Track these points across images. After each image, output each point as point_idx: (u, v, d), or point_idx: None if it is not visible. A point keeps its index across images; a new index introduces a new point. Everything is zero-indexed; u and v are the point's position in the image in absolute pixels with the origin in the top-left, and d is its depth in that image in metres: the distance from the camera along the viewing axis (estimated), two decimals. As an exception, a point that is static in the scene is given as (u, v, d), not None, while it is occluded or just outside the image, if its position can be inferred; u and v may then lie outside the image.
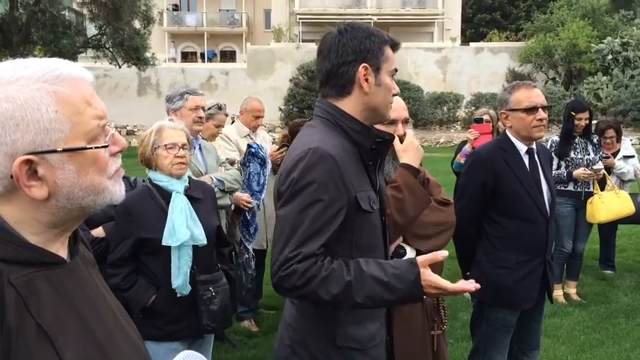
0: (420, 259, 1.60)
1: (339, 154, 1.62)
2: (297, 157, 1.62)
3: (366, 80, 1.67)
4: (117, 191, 1.03)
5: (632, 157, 5.64)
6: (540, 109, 2.82)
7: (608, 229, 5.87)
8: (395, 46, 1.75)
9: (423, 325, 2.37)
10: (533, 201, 2.83)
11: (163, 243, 2.52)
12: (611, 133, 5.62)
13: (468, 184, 2.95)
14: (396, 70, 1.74)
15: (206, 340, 2.81)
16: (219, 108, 4.27)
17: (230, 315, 2.91)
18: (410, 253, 2.30)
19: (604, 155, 5.27)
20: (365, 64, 1.66)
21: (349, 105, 1.71)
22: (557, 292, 5.06)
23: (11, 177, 0.92)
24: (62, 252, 1.02)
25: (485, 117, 4.83)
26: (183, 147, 2.64)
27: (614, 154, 5.57)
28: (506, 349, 2.98)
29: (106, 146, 0.99)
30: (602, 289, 5.50)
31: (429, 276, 1.57)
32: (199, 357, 1.04)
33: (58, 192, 0.95)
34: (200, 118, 3.58)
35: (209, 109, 4.14)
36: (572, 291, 5.30)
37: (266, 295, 4.98)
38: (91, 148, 0.97)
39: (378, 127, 2.35)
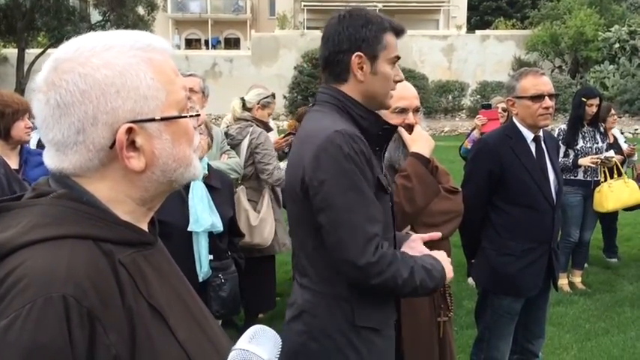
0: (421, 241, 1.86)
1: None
2: (321, 141, 1.59)
3: (361, 69, 1.68)
4: (198, 166, 0.99)
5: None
6: (547, 97, 2.79)
7: (609, 215, 5.85)
8: (398, 32, 1.73)
9: (429, 312, 2.38)
10: (539, 189, 2.82)
11: (189, 229, 2.58)
12: (612, 111, 5.60)
13: (474, 172, 2.93)
14: (398, 58, 1.73)
15: None
16: (274, 97, 4.38)
17: (239, 302, 2.94)
18: (418, 241, 2.30)
19: (631, 146, 5.31)
20: (359, 53, 1.67)
21: (347, 91, 1.73)
22: (563, 281, 5.08)
23: (110, 148, 0.87)
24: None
25: (502, 105, 4.82)
26: None
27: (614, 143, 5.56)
28: (510, 337, 2.99)
29: (198, 115, 0.97)
30: (608, 278, 5.51)
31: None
32: (270, 331, 0.98)
33: (155, 163, 0.91)
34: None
35: (266, 97, 4.19)
36: (578, 279, 5.30)
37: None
38: (185, 116, 0.94)
39: (386, 115, 2.36)
